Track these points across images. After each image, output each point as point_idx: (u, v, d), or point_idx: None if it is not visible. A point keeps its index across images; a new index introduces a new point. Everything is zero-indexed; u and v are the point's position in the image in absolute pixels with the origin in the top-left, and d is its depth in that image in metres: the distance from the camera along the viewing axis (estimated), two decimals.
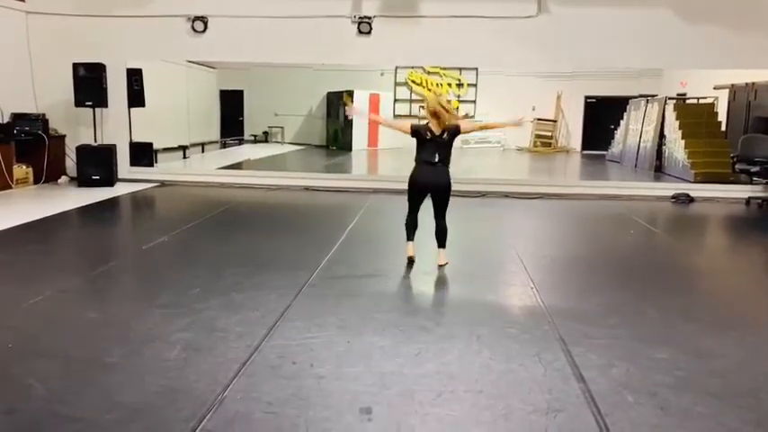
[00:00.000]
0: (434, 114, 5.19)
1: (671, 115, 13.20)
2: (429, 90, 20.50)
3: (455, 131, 5.29)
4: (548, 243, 7.04)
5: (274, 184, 10.38)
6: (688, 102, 13.99)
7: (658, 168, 13.48)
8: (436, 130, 5.22)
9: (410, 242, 5.51)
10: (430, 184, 5.31)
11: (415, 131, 5.29)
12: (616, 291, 4.91)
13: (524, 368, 3.34)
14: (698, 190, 10.23)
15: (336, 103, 19.63)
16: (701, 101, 13.64)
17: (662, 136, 13.54)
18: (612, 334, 3.87)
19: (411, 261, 5.45)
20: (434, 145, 5.22)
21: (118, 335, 3.73)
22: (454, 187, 5.37)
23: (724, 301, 4.90)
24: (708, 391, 3.12)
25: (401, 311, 4.26)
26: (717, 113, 13.09)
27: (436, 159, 5.22)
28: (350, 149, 18.38)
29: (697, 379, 3.27)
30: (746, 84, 12.32)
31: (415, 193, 5.41)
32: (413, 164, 5.37)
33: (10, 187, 9.18)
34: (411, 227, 5.51)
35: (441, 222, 5.43)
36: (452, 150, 5.34)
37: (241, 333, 3.75)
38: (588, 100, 20.13)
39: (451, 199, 5.39)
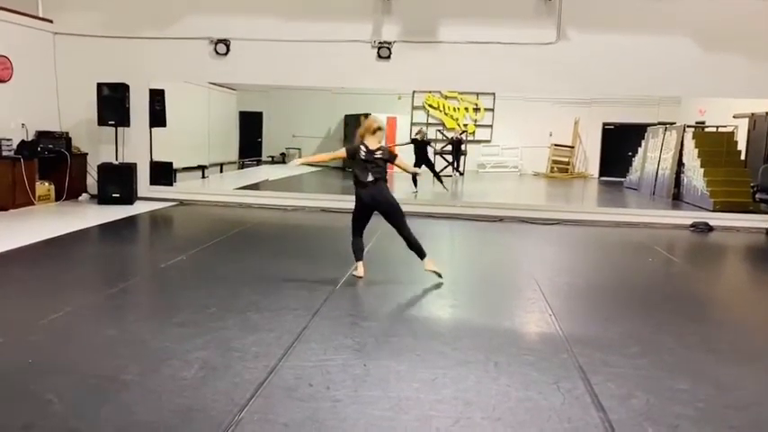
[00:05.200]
0: (372, 131, 5.46)
1: (690, 143, 13.13)
2: (446, 114, 20.60)
3: (390, 157, 5.51)
4: (565, 270, 6.99)
5: (291, 205, 10.45)
6: (707, 130, 13.92)
7: (676, 196, 13.37)
8: (372, 144, 5.43)
9: (360, 261, 5.71)
10: (372, 202, 5.47)
11: (352, 153, 5.49)
12: (635, 319, 4.85)
13: (543, 396, 3.30)
14: (717, 219, 10.13)
15: (353, 125, 19.76)
16: (721, 129, 13.56)
17: (680, 164, 13.45)
18: (632, 363, 3.82)
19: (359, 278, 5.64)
20: (368, 163, 5.42)
21: (135, 352, 3.75)
22: (471, 210, 5.38)
23: (745, 332, 4.82)
24: (730, 424, 3.07)
25: (417, 336, 4.24)
26: (736, 142, 13.01)
27: (369, 178, 5.41)
28: None
29: (718, 411, 3.22)
30: (767, 113, 12.25)
31: (359, 212, 5.58)
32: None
33: (32, 204, 9.32)
34: (358, 248, 5.70)
35: (407, 237, 5.55)
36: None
37: (257, 353, 3.75)
38: (606, 126, 20.10)
39: (468, 223, 5.40)
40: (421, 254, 5.59)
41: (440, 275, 5.61)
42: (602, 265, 7.38)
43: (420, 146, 13.66)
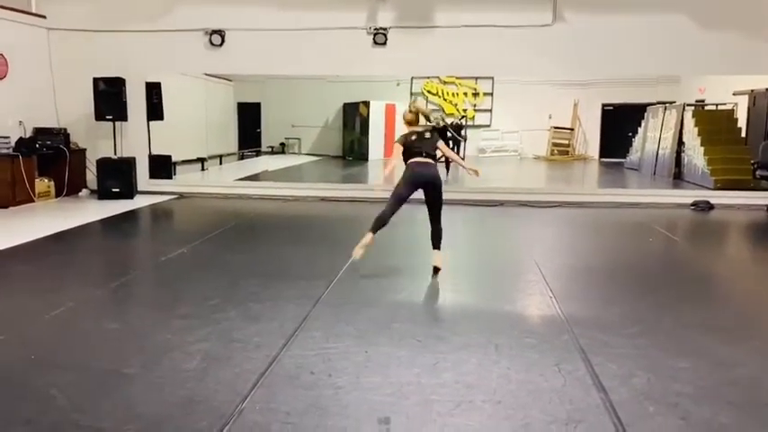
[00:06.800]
0: (416, 116, 5.55)
1: (690, 122, 13.08)
2: (445, 100, 20.54)
3: (437, 140, 5.55)
4: (566, 252, 6.99)
5: (291, 195, 10.44)
6: (707, 108, 13.86)
7: (677, 175, 13.35)
8: (419, 128, 5.50)
9: (371, 234, 5.32)
10: (423, 177, 5.35)
11: (404, 142, 5.45)
12: (636, 300, 4.86)
13: (544, 378, 3.31)
14: (718, 197, 10.12)
15: (352, 113, 19.73)
16: (720, 107, 13.50)
17: (681, 143, 13.41)
18: (633, 344, 3.83)
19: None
20: (420, 144, 5.42)
21: (137, 345, 3.77)
22: (472, 195, 5.39)
23: (745, 310, 4.83)
24: (729, 401, 3.07)
25: (418, 321, 4.25)
26: (736, 120, 12.95)
27: (423, 155, 5.38)
28: (366, 159, 18.44)
29: (718, 389, 3.23)
30: (767, 89, 12.18)
31: (404, 189, 5.35)
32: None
33: (32, 201, 9.32)
34: (381, 223, 5.32)
35: (438, 218, 5.50)
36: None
37: (259, 343, 3.76)
38: (605, 107, 20.02)
39: (470, 207, 5.39)
40: (437, 244, 5.54)
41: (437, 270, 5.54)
42: (602, 247, 7.37)
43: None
